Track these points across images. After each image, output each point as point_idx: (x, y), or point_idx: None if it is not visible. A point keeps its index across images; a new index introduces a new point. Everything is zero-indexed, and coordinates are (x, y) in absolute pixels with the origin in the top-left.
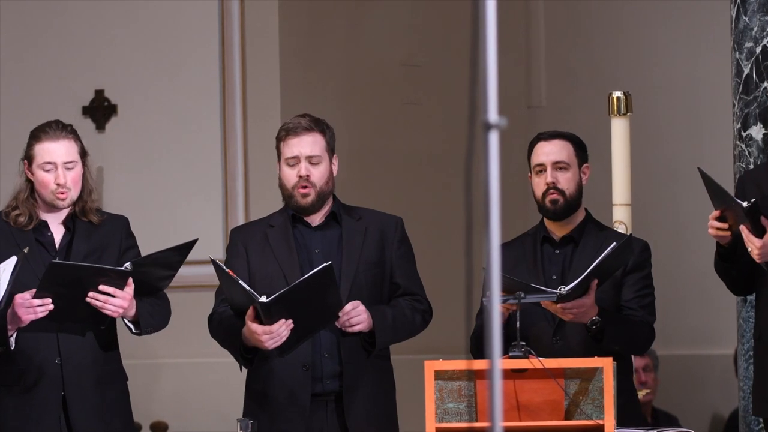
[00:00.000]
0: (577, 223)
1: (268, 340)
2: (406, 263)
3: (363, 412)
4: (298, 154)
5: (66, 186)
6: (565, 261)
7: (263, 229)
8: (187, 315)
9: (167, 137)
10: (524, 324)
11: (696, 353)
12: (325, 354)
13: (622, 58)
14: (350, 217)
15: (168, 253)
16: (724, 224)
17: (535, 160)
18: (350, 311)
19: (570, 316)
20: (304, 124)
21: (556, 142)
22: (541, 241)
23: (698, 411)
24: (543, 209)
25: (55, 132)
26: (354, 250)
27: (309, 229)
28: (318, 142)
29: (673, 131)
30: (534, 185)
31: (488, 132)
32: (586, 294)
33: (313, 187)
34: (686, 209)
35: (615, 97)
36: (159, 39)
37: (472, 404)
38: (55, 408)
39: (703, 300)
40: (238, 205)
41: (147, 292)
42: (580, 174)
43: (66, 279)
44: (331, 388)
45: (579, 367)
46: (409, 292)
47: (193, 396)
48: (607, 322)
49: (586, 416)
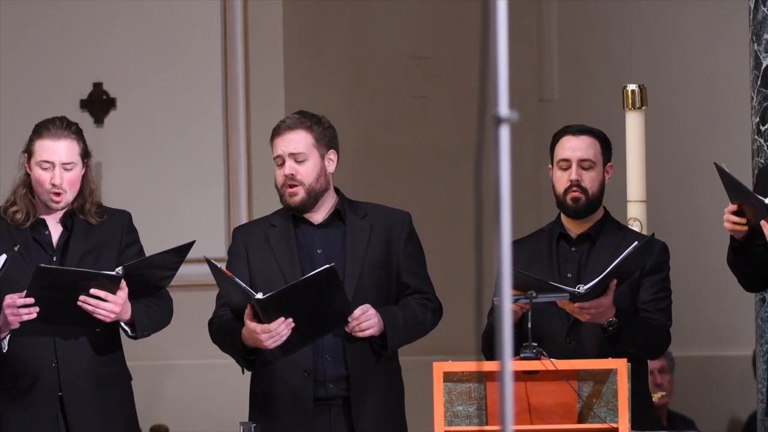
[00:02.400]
0: (595, 221)
1: (267, 339)
2: (414, 262)
3: (372, 418)
4: (281, 153)
5: (61, 187)
6: (582, 259)
7: (264, 228)
8: (189, 315)
9: (167, 132)
10: (537, 323)
11: (713, 354)
12: (327, 357)
13: (637, 49)
14: (355, 215)
15: (164, 256)
16: (742, 219)
17: (560, 155)
18: (360, 316)
19: (587, 316)
20: (288, 122)
21: (584, 139)
22: (557, 238)
23: (715, 414)
24: (563, 206)
25: (58, 130)
26: (358, 250)
27: (311, 228)
28: (302, 139)
29: (690, 125)
30: (555, 179)
31: (499, 126)
32: (604, 294)
33: (300, 185)
34: (703, 206)
35: (630, 90)
36: (159, 30)
37: (482, 407)
38: (52, 411)
39: (720, 299)
40: (240, 201)
41: (147, 292)
42: (604, 173)
43: (55, 283)
44: (335, 393)
45: (592, 369)
46: (418, 291)
47: (194, 398)
48: (624, 323)
49: (599, 419)
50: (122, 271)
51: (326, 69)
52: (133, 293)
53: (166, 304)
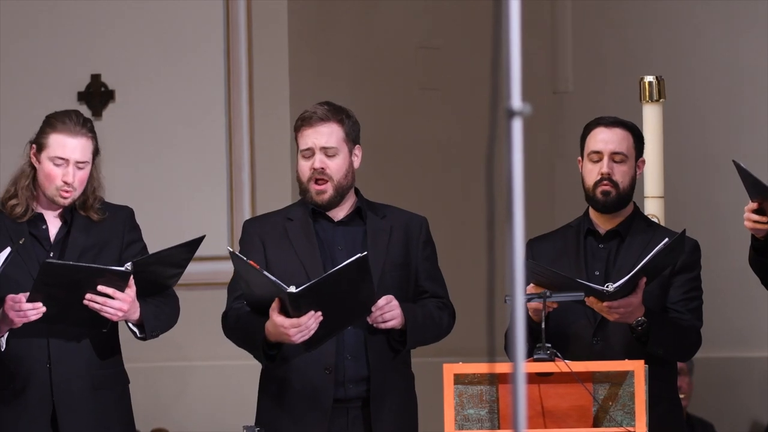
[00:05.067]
0: (624, 217)
1: (296, 333)
2: (430, 265)
3: (390, 422)
4: (312, 146)
5: (72, 186)
6: (610, 256)
7: (282, 222)
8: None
9: (168, 125)
10: (563, 323)
11: (733, 356)
12: (348, 356)
13: (654, 40)
14: (374, 215)
15: (174, 251)
16: (763, 217)
17: (592, 147)
18: (384, 306)
19: (616, 315)
20: (319, 114)
21: (617, 131)
22: (585, 233)
23: (735, 417)
24: (592, 200)
25: (75, 126)
26: (380, 250)
27: (331, 224)
28: (334, 132)
29: (709, 119)
30: (585, 172)
31: (511, 119)
32: (633, 293)
33: (329, 180)
34: (723, 202)
35: (647, 82)
36: (159, 19)
37: (494, 410)
38: (44, 413)
39: (741, 299)
40: (244, 197)
41: (153, 291)
42: (635, 168)
43: (61, 280)
44: (354, 394)
45: (608, 371)
46: (434, 296)
47: (196, 401)
48: (654, 323)
49: (615, 423)
50: (132, 267)
51: (333, 60)
52: (140, 292)
53: (173, 303)
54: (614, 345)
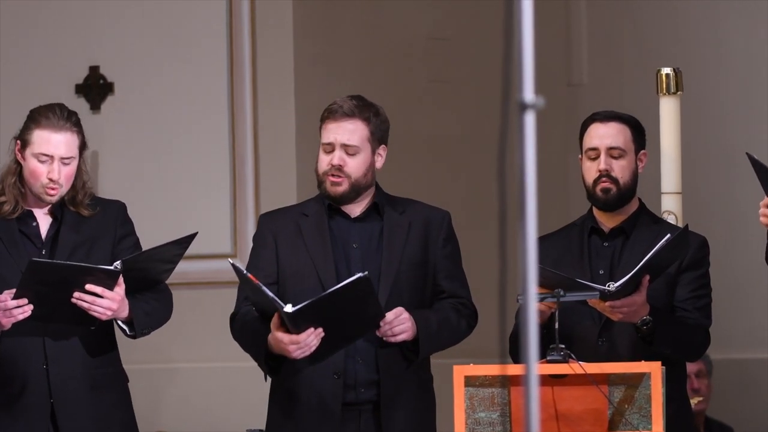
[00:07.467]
0: (629, 214)
1: (296, 350)
2: (451, 264)
3: (404, 426)
4: (333, 141)
5: (58, 182)
6: (615, 255)
7: (296, 218)
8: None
9: (169, 119)
10: (567, 323)
11: (754, 357)
12: (359, 360)
13: (671, 31)
14: (393, 210)
15: (164, 249)
16: None
17: (588, 143)
18: (393, 320)
19: (619, 315)
20: (345, 108)
21: (613, 125)
22: (588, 232)
23: (756, 420)
24: (593, 198)
25: (59, 121)
26: (396, 247)
27: (347, 220)
28: (358, 130)
29: (728, 112)
30: (585, 170)
31: (524, 113)
32: (636, 291)
33: (346, 177)
34: (743, 198)
35: (664, 74)
36: (160, 10)
37: (506, 414)
38: (43, 416)
39: (760, 298)
40: (247, 193)
41: (145, 287)
42: (636, 161)
43: (49, 279)
44: (366, 398)
45: (624, 373)
46: (453, 295)
47: (198, 403)
48: (659, 322)
49: (631, 426)
50: (121, 266)
51: (339, 50)
52: (129, 289)
53: (165, 298)
54: (620, 346)
